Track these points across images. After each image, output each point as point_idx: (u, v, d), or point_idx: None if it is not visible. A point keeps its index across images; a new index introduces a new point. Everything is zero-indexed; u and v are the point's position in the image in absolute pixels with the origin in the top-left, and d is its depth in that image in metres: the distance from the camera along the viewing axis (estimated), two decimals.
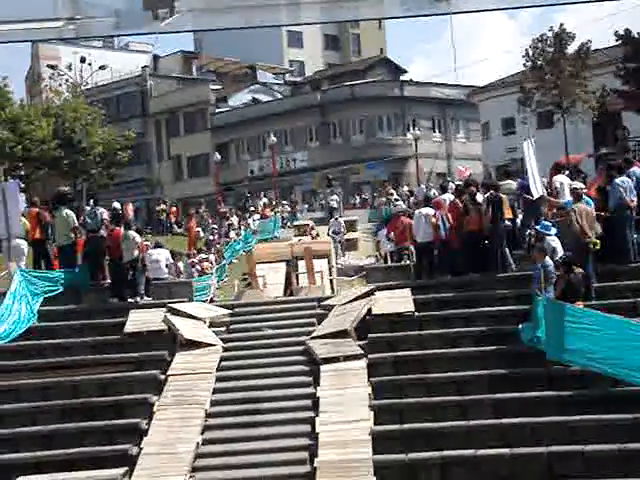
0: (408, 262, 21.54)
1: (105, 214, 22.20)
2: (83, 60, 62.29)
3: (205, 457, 15.55)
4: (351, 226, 41.12)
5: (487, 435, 14.75)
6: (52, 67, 64.30)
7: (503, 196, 19.51)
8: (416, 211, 21.29)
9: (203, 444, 15.86)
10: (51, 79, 63.78)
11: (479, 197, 19.58)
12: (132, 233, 20.95)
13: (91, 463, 15.29)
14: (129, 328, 19.19)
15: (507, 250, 19.33)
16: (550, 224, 17.96)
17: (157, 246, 23.48)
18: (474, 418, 15.23)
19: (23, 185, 39.54)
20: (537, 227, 18.25)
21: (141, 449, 15.52)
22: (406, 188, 50.09)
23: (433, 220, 19.96)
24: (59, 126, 51.73)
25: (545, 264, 16.80)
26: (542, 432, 14.58)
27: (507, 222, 19.35)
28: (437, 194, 34.23)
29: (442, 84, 72.86)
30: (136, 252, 20.71)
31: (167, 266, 22.64)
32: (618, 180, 18.60)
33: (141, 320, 19.57)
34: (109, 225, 21.65)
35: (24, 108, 53.17)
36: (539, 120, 54.06)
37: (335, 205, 50.18)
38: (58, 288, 20.69)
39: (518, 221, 20.63)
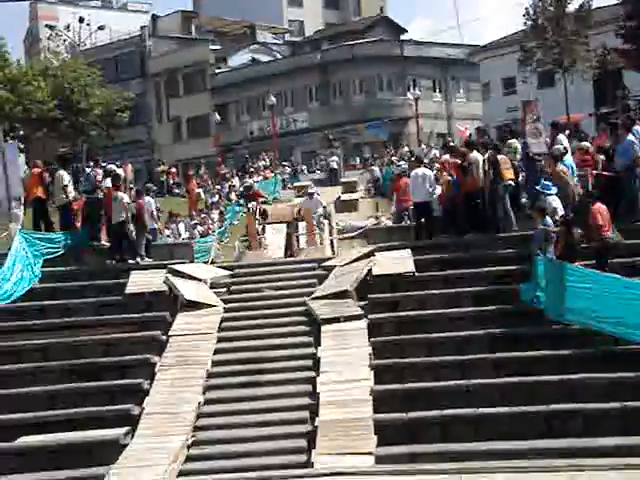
0: (409, 222, 21.51)
1: (99, 176, 22.07)
2: (82, 20, 61.97)
3: (207, 417, 15.63)
4: (351, 187, 41.03)
5: (487, 394, 14.80)
6: (50, 27, 63.93)
7: (502, 156, 19.45)
8: (412, 172, 21.22)
9: (205, 404, 15.94)
10: (49, 40, 63.43)
11: (479, 157, 19.45)
12: (120, 194, 20.79)
13: (93, 423, 15.38)
14: (130, 289, 19.24)
15: (510, 210, 19.30)
16: (551, 184, 17.91)
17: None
18: (474, 377, 15.28)
19: (22, 146, 39.53)
20: (537, 186, 18.20)
21: (143, 409, 15.61)
22: (406, 149, 49.88)
23: (447, 177, 19.81)
24: (58, 86, 51.44)
25: (545, 223, 16.79)
26: (542, 391, 14.64)
27: (510, 182, 19.28)
28: (437, 154, 34.25)
29: (443, 43, 72.34)
30: (124, 214, 20.55)
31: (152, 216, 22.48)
32: (631, 138, 18.33)
33: (142, 281, 19.61)
34: (100, 186, 21.52)
35: (22, 69, 52.83)
36: (540, 79, 53.82)
37: (335, 166, 50.02)
38: (59, 250, 20.71)
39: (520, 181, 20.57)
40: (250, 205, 28.24)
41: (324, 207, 28.13)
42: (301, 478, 8.46)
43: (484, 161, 19.24)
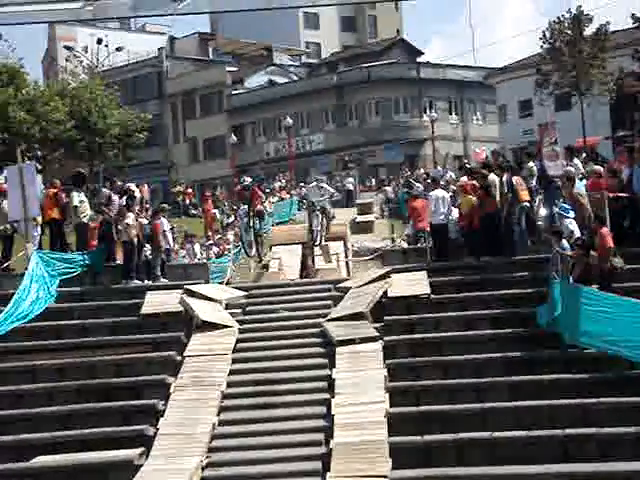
0: (424, 245, 21.49)
1: (112, 195, 22.17)
2: (100, 42, 62.35)
3: (221, 438, 15.61)
4: (367, 208, 41.07)
5: (503, 417, 14.76)
6: (68, 48, 64.38)
7: (518, 177, 19.48)
8: (431, 193, 21.29)
9: (219, 425, 15.92)
10: (67, 61, 63.87)
11: (496, 179, 19.48)
12: (126, 219, 20.95)
13: (108, 443, 15.38)
14: (146, 309, 19.25)
15: (525, 232, 19.30)
16: (569, 207, 17.89)
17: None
18: (490, 400, 15.24)
19: (40, 167, 39.76)
20: (555, 209, 18.20)
21: (157, 430, 15.60)
22: (422, 170, 49.89)
23: (471, 198, 19.79)
24: (75, 107, 51.77)
25: (562, 246, 16.76)
26: (558, 415, 14.58)
27: (526, 203, 19.30)
28: (453, 176, 34.24)
29: (459, 66, 72.54)
30: (133, 233, 20.67)
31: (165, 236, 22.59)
32: None
33: (158, 301, 19.62)
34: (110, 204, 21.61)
35: (40, 89, 53.20)
36: (556, 102, 53.84)
37: (351, 187, 50.17)
38: (75, 269, 20.76)
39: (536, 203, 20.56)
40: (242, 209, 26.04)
41: (330, 196, 27.21)
42: None
43: (501, 183, 19.25)
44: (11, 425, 16.11)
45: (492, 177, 19.54)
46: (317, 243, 24.54)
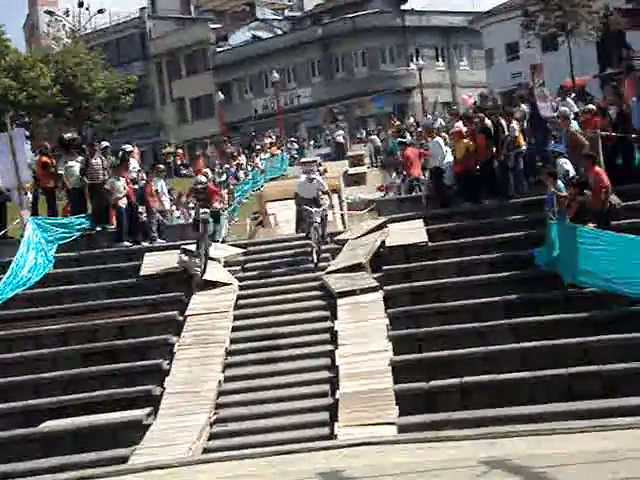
0: (419, 193, 21.48)
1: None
2: (81, 5, 61.72)
3: (228, 394, 15.68)
4: (358, 160, 41.07)
5: (506, 360, 14.83)
6: (50, 13, 63.70)
7: (517, 122, 19.53)
8: (431, 140, 21.38)
9: (225, 381, 15.99)
10: (49, 26, 63.23)
11: (489, 123, 19.46)
12: (112, 180, 20.87)
13: (115, 405, 15.45)
14: (145, 271, 19.28)
15: (522, 175, 19.33)
16: (561, 146, 17.86)
17: None
18: (492, 344, 15.31)
19: (28, 133, 39.53)
20: (548, 149, 18.18)
21: (164, 389, 15.67)
22: (412, 120, 49.74)
23: (469, 143, 19.70)
24: (60, 72, 51.36)
25: (557, 187, 16.76)
26: (560, 354, 14.65)
27: (522, 147, 19.31)
28: (443, 123, 34.16)
29: (444, 12, 71.97)
30: (119, 197, 20.62)
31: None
32: None
33: (156, 262, 19.65)
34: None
35: (23, 55, 52.72)
36: (543, 43, 53.49)
37: (341, 140, 50.02)
38: (72, 234, 20.75)
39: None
40: (202, 213, 19.65)
41: (326, 192, 21.46)
42: (328, 449, 8.50)
43: (497, 126, 19.25)
44: (17, 391, 16.16)
45: (488, 121, 19.52)
46: (317, 263, 19.45)
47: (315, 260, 19.46)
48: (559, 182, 16.90)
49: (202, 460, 12.69)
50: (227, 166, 43.35)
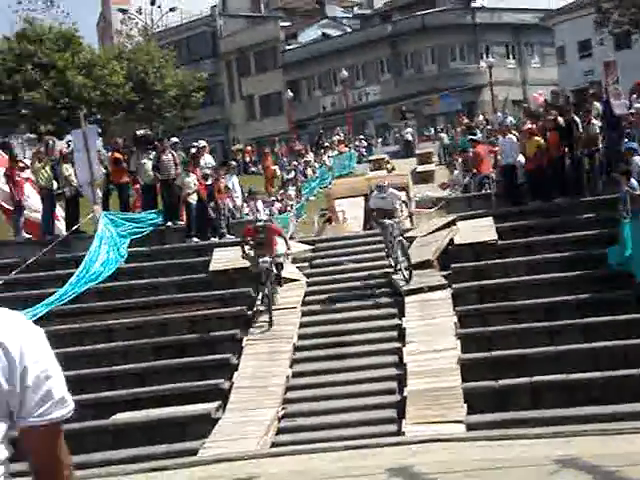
0: (489, 190, 21.32)
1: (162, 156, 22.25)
2: (153, 3, 62.45)
3: (295, 389, 15.78)
4: (426, 158, 40.88)
5: (577, 360, 14.66)
6: (123, 11, 64.62)
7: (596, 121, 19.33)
8: (502, 138, 21.18)
9: (293, 377, 16.09)
10: (122, 23, 64.11)
11: (560, 120, 19.24)
12: (182, 176, 21.02)
13: (185, 398, 15.63)
14: (214, 266, 19.44)
15: (597, 173, 19.07)
16: (635, 144, 17.57)
17: None
18: (563, 343, 15.14)
19: (101, 130, 40.15)
20: (622, 147, 17.89)
21: (233, 383, 15.80)
22: (482, 117, 49.31)
23: (540, 141, 19.50)
24: (132, 70, 52.06)
25: (631, 185, 16.50)
26: (633, 354, 14.41)
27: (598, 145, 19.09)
28: (513, 121, 33.80)
29: (515, 9, 71.13)
30: (189, 193, 20.78)
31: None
32: None
33: (225, 258, 19.80)
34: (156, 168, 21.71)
35: (96, 53, 53.55)
36: (616, 41, 52.66)
37: (410, 138, 49.83)
38: (144, 229, 20.99)
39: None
40: (261, 262, 17.73)
41: (403, 202, 20.73)
42: (396, 445, 8.49)
43: (572, 124, 19.04)
44: (90, 383, 16.40)
45: (560, 119, 19.31)
46: (409, 279, 17.76)
47: (407, 277, 17.77)
48: (633, 180, 16.64)
49: (271, 454, 12.77)
50: (295, 163, 43.45)
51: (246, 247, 18.29)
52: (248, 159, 50.40)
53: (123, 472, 12.79)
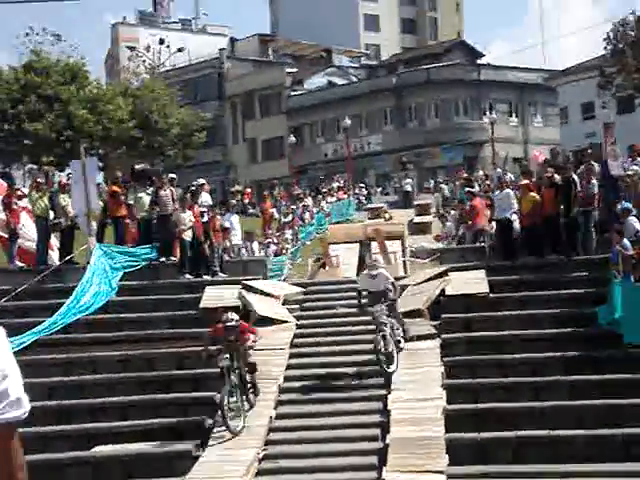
0: (483, 244, 21.38)
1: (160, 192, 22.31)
2: (162, 42, 63.17)
3: (278, 431, 15.68)
4: (424, 210, 41.02)
5: (562, 416, 14.63)
6: (131, 49, 65.31)
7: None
8: (500, 192, 21.30)
9: (276, 418, 15.99)
10: (130, 60, 64.72)
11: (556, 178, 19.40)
12: (177, 212, 21.06)
13: (167, 434, 15.54)
14: (205, 303, 19.42)
15: (591, 233, 19.18)
16: (630, 205, 17.68)
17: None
18: (549, 399, 15.10)
19: (101, 164, 40.37)
20: (618, 207, 18.02)
21: (215, 421, 15.71)
22: (481, 172, 49.59)
23: (535, 197, 19.61)
24: (137, 107, 52.42)
25: (623, 245, 16.57)
26: (618, 414, 14.39)
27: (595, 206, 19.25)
28: (512, 178, 34.00)
29: (520, 68, 71.87)
30: (184, 229, 20.81)
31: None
32: None
33: (216, 296, 19.80)
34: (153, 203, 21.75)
35: (102, 88, 53.93)
36: (619, 105, 53.14)
37: (409, 188, 50.06)
38: (138, 263, 21.01)
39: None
40: (224, 357, 15.64)
41: (392, 284, 17.56)
42: None
43: (570, 182, 19.18)
44: (73, 414, 16.36)
45: (557, 177, 19.47)
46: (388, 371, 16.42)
47: (386, 368, 16.33)
48: (625, 240, 16.72)
49: None
50: (293, 207, 43.63)
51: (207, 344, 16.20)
52: (247, 201, 50.57)
53: None
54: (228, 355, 15.55)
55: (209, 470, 14.18)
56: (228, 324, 15.67)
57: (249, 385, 15.97)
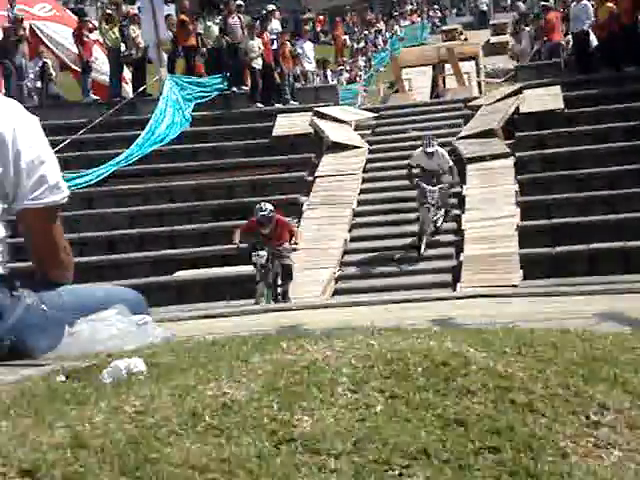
0: (559, 59, 20.76)
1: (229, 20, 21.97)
2: None
3: (353, 253, 15.95)
4: (501, 29, 39.90)
5: (638, 228, 14.46)
6: None
7: None
8: (575, 4, 20.48)
9: (351, 241, 16.23)
10: None
11: None
12: (246, 40, 20.75)
13: (243, 259, 15.89)
14: (277, 131, 19.45)
15: None
16: None
17: None
18: (624, 211, 14.95)
19: None
20: None
21: None
22: None
23: (612, 6, 18.87)
24: None
25: None
26: None
27: None
28: None
29: None
30: (253, 57, 20.56)
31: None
32: None
33: (288, 124, 19.79)
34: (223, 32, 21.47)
35: None
36: None
37: (484, 8, 48.51)
38: (211, 94, 20.97)
39: None
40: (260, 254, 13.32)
41: (450, 168, 15.83)
42: (442, 300, 8.65)
43: None
44: (153, 241, 16.81)
45: None
46: (421, 253, 15.31)
47: (422, 250, 15.25)
48: None
49: (324, 305, 12.96)
50: (366, 32, 42.79)
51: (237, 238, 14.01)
52: (319, 28, 49.70)
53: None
54: (265, 251, 13.35)
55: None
56: (261, 213, 13.49)
57: (278, 291, 13.74)
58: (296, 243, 13.82)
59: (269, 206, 13.60)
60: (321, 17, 53.02)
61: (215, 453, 1.64)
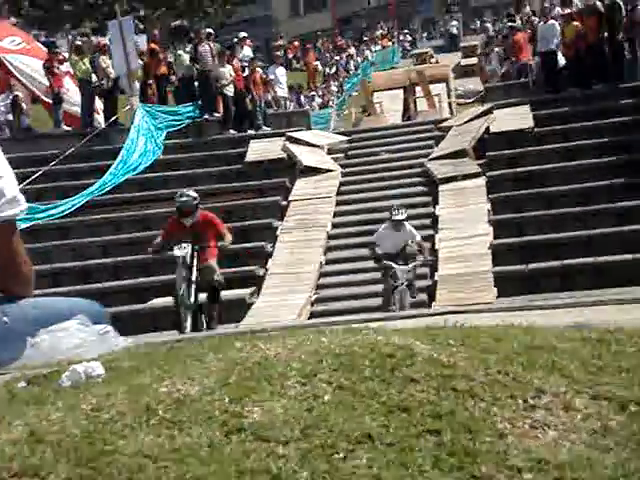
0: (527, 79, 21.00)
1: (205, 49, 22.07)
2: None
3: (328, 275, 16.00)
4: (471, 51, 40.27)
5: (609, 243, 14.62)
6: None
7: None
8: (542, 24, 20.76)
9: (326, 264, 16.29)
10: None
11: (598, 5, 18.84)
12: (216, 69, 20.85)
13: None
14: (250, 157, 19.54)
15: (638, 59, 18.70)
16: None
17: None
18: (595, 228, 15.11)
19: (143, 26, 40.00)
20: None
21: (267, 270, 16.06)
22: (528, 8, 48.22)
23: (577, 25, 19.12)
24: None
25: None
26: None
27: None
28: (559, 12, 33.04)
29: None
30: (225, 84, 20.67)
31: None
32: None
33: (261, 149, 19.89)
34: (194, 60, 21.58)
35: None
36: None
37: (455, 31, 49.05)
38: (182, 122, 21.05)
39: None
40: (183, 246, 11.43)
41: (418, 243, 13.79)
42: (415, 318, 8.68)
43: (615, 7, 18.62)
44: (127, 270, 16.80)
45: (598, 3, 18.90)
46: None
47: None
48: None
49: (301, 326, 13.01)
50: (337, 58, 43.09)
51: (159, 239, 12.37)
52: (291, 55, 49.99)
53: None
54: (189, 245, 11.45)
55: (262, 315, 14.57)
56: (181, 199, 11.73)
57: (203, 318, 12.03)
58: (222, 246, 11.94)
59: (192, 193, 11.83)
60: (296, 43, 53.32)
61: (168, 444, 1.70)
